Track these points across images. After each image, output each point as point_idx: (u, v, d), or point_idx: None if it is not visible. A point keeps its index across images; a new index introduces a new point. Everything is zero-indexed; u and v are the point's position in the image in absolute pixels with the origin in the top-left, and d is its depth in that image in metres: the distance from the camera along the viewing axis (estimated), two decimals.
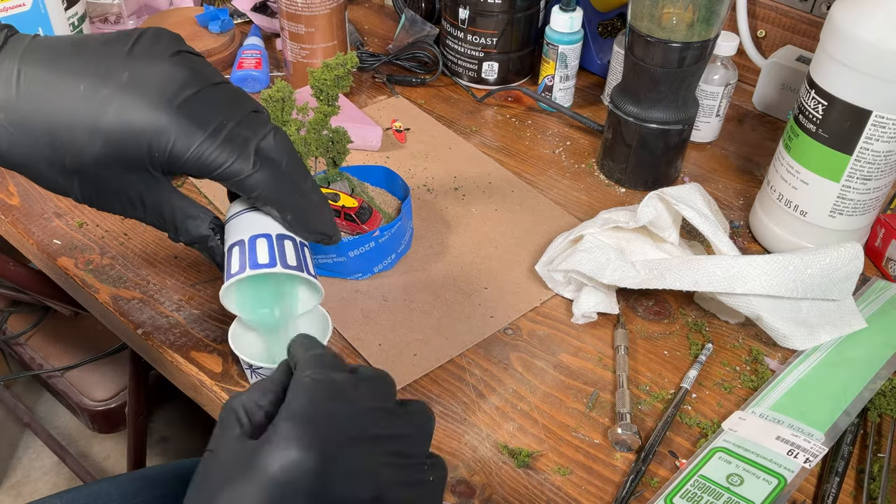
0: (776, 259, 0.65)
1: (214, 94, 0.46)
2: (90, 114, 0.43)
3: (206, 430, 1.67)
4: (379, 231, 0.69)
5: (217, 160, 0.45)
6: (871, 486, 0.58)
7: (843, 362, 0.66)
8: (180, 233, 0.52)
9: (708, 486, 0.56)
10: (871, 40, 0.63)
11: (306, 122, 0.68)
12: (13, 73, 0.43)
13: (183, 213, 0.51)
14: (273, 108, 0.65)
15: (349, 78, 0.67)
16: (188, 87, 0.44)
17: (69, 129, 0.44)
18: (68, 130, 0.44)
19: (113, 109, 0.43)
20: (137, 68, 0.44)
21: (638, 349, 0.68)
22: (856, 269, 0.66)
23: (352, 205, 0.70)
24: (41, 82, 0.43)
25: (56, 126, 0.43)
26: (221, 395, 0.63)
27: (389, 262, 0.73)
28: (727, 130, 0.96)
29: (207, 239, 0.53)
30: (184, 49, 0.47)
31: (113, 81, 0.44)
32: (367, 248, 0.69)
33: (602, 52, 1.03)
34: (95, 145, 0.44)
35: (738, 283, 0.65)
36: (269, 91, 0.65)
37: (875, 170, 0.69)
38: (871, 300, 0.73)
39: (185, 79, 0.44)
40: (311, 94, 0.68)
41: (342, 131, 0.71)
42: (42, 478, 1.51)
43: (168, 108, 0.43)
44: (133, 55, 0.45)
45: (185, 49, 0.47)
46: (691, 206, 0.69)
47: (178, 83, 0.44)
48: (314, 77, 0.67)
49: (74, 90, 0.43)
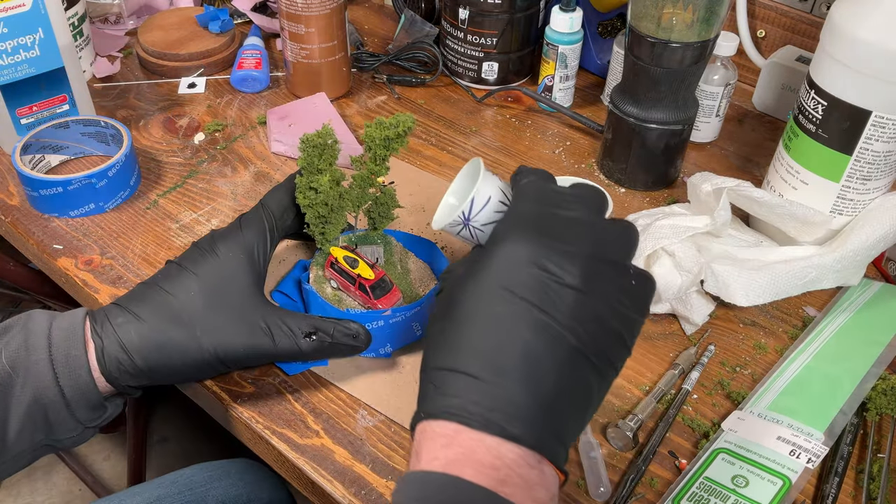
0: (847, 252, 0.70)
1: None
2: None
3: (207, 430, 1.68)
4: (391, 311, 0.63)
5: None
6: (870, 486, 0.58)
7: (834, 361, 0.66)
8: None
9: (714, 489, 0.56)
10: (871, 40, 0.63)
11: (350, 176, 0.65)
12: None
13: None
14: (309, 153, 0.61)
15: (402, 141, 0.64)
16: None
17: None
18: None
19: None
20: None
21: (638, 349, 0.68)
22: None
23: (368, 276, 0.64)
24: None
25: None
26: (221, 395, 0.63)
27: (407, 341, 0.66)
28: (727, 130, 0.96)
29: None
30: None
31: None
32: (375, 325, 0.63)
33: (602, 52, 1.03)
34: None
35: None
36: (309, 135, 0.61)
37: (875, 170, 0.69)
38: (854, 297, 0.73)
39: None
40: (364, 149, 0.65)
41: (391, 193, 0.67)
42: (42, 478, 1.51)
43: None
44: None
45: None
46: (755, 191, 0.72)
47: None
48: (366, 132, 0.64)
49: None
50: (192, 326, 0.54)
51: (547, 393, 0.40)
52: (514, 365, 0.40)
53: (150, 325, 0.54)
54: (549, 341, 0.41)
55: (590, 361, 0.41)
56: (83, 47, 0.97)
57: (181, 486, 0.82)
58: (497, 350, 0.41)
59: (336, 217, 0.65)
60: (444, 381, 0.41)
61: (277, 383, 0.64)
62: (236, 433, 0.65)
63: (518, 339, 0.41)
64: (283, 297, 0.70)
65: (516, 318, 0.41)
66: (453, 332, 0.42)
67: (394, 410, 0.62)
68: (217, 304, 0.55)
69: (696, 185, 0.75)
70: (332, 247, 0.66)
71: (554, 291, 0.41)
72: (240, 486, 0.84)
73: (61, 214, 0.78)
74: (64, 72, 0.83)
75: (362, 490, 0.57)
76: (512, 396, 0.40)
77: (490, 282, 0.42)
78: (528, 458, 0.40)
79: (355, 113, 0.97)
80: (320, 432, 0.61)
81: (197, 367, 0.55)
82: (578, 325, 0.41)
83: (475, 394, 0.40)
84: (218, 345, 0.54)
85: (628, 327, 0.43)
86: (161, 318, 0.55)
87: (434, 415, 0.41)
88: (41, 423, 0.53)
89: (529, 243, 0.42)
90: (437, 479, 0.39)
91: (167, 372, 0.55)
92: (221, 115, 0.94)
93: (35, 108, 0.83)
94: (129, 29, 1.09)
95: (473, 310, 0.42)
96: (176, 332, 0.54)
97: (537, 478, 0.40)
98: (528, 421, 0.40)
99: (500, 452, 0.39)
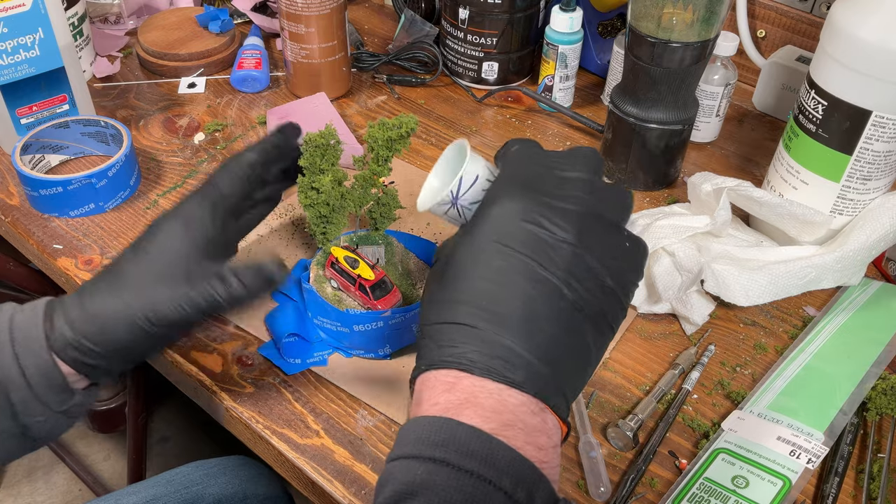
0: (847, 252, 0.70)
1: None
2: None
3: (206, 430, 1.68)
4: (390, 312, 0.63)
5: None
6: (870, 486, 0.58)
7: (834, 360, 0.66)
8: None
9: (714, 489, 0.56)
10: (871, 40, 0.63)
11: (352, 176, 0.65)
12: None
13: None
14: (311, 153, 0.61)
15: (405, 142, 0.64)
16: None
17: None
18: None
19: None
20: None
21: (638, 349, 0.68)
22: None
23: (368, 277, 0.64)
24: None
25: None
26: (221, 395, 0.63)
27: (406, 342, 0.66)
28: (727, 130, 0.96)
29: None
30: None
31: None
32: (374, 325, 0.63)
33: (602, 52, 1.03)
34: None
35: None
36: (311, 134, 0.61)
37: (875, 170, 0.69)
38: (854, 297, 0.73)
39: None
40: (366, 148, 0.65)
41: (392, 194, 0.67)
42: (42, 478, 1.51)
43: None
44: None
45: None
46: (755, 191, 0.72)
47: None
48: (368, 132, 0.64)
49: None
50: (122, 292, 0.54)
51: (547, 344, 0.40)
52: (514, 315, 0.40)
53: (91, 299, 0.54)
54: (547, 294, 0.41)
55: (587, 318, 0.41)
56: (83, 47, 0.97)
57: (177, 485, 0.82)
58: (496, 301, 0.41)
59: (337, 217, 0.65)
60: (443, 334, 0.41)
61: (277, 383, 0.64)
62: (236, 433, 0.65)
63: (517, 290, 0.41)
64: (283, 297, 0.70)
65: (514, 271, 0.41)
66: (450, 288, 0.42)
67: (394, 410, 0.62)
68: (147, 270, 0.54)
69: (696, 185, 0.75)
70: (332, 247, 0.66)
71: (550, 246, 0.41)
72: (236, 484, 0.84)
73: (61, 214, 0.78)
74: (64, 72, 0.83)
75: (362, 490, 0.57)
76: (513, 345, 0.40)
77: (485, 238, 0.42)
78: (531, 405, 0.40)
79: (355, 113, 0.97)
80: (320, 432, 0.61)
81: (133, 336, 0.54)
82: (575, 281, 0.41)
83: (475, 343, 0.40)
84: (145, 305, 0.53)
85: (623, 287, 0.43)
86: (98, 290, 0.54)
87: (434, 364, 0.41)
88: (5, 405, 0.53)
89: (523, 199, 0.42)
90: (437, 421, 0.39)
91: (110, 344, 0.54)
92: (221, 115, 0.94)
93: (35, 108, 0.83)
94: (129, 29, 1.09)
95: (470, 265, 0.42)
96: (110, 301, 0.54)
97: (540, 425, 0.40)
98: (530, 369, 0.40)
99: (502, 398, 0.39)
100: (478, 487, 0.37)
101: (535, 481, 0.38)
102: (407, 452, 0.39)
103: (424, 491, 0.37)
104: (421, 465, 0.38)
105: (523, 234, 0.41)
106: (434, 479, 0.37)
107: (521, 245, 0.41)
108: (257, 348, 0.67)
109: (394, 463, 0.39)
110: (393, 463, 0.40)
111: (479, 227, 0.43)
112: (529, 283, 0.41)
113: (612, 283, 0.42)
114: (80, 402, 0.56)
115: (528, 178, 0.44)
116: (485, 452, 0.38)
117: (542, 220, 0.42)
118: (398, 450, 0.40)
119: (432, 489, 0.37)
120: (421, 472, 0.38)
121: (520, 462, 0.38)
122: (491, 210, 0.43)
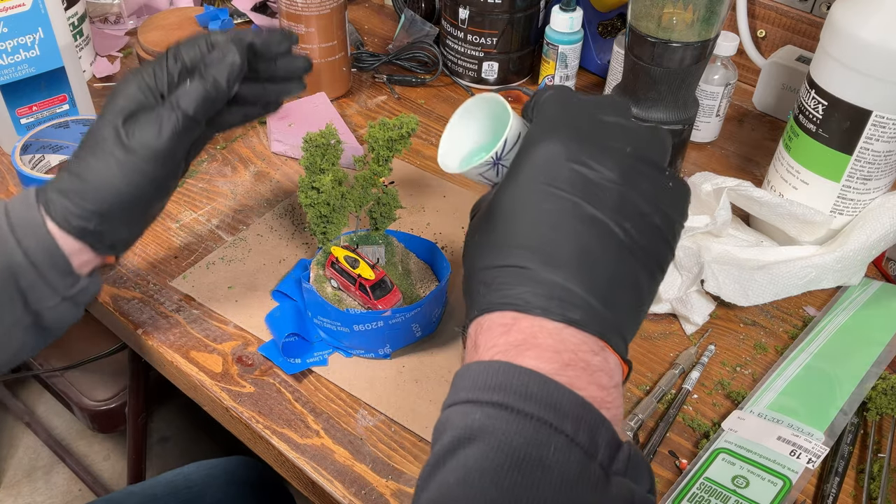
0: (847, 251, 0.70)
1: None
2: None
3: (206, 431, 1.67)
4: (391, 312, 0.62)
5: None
6: (871, 485, 0.58)
7: (834, 360, 0.66)
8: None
9: (714, 489, 0.56)
10: (871, 40, 0.63)
11: (352, 176, 0.65)
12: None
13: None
14: (311, 152, 0.61)
15: (405, 142, 0.64)
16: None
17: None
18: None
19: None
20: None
21: (638, 349, 0.68)
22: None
23: (369, 276, 0.64)
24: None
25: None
26: (221, 395, 0.63)
27: (410, 340, 0.66)
28: (727, 130, 0.96)
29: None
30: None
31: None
32: (374, 325, 0.63)
33: (602, 52, 1.03)
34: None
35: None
36: (312, 134, 0.61)
37: (875, 170, 0.69)
38: (854, 297, 0.73)
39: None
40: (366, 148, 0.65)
41: (392, 194, 0.67)
42: (42, 478, 1.51)
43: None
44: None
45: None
46: (756, 191, 0.72)
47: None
48: (369, 132, 0.64)
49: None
50: (109, 144, 0.53)
51: (603, 283, 0.40)
52: (568, 255, 0.40)
53: (78, 165, 0.54)
54: (599, 233, 0.40)
55: (637, 258, 0.41)
56: (83, 47, 0.97)
57: (177, 485, 0.82)
58: (549, 243, 0.40)
59: (338, 217, 0.65)
60: (496, 278, 0.41)
61: (278, 383, 0.64)
62: (236, 433, 0.65)
63: (570, 230, 0.40)
64: (283, 297, 0.70)
65: (564, 212, 0.40)
66: (500, 231, 0.42)
67: (394, 410, 0.62)
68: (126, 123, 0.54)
69: (696, 184, 0.75)
70: (332, 246, 0.66)
71: (597, 186, 0.40)
72: (236, 484, 0.84)
73: None
74: (64, 72, 0.83)
75: (362, 490, 0.57)
76: (569, 285, 0.39)
77: (531, 180, 0.41)
78: (591, 344, 0.39)
79: (355, 113, 0.97)
80: (320, 432, 0.61)
81: (129, 181, 0.53)
82: (624, 220, 0.40)
83: (531, 284, 0.39)
84: (138, 141, 0.53)
85: (670, 227, 0.42)
86: (83, 158, 0.54)
87: (490, 308, 0.40)
88: (15, 293, 0.53)
89: (566, 141, 0.41)
90: (493, 365, 0.38)
91: (109, 199, 0.53)
92: None
93: (35, 108, 0.83)
94: (128, 29, 1.09)
95: (519, 207, 0.41)
96: (98, 160, 0.53)
97: (600, 364, 0.39)
98: (588, 308, 0.39)
99: (563, 337, 0.39)
100: (538, 430, 0.36)
101: (596, 424, 0.37)
102: (464, 398, 0.38)
103: (484, 435, 0.36)
104: (479, 409, 0.37)
105: (570, 174, 0.41)
106: (493, 423, 0.36)
107: (569, 186, 0.40)
108: (257, 348, 0.67)
109: (450, 409, 0.39)
110: (449, 409, 0.39)
111: (525, 172, 0.42)
112: (581, 223, 0.40)
113: (660, 222, 0.41)
114: (86, 287, 0.56)
115: (568, 121, 0.43)
116: (545, 395, 0.37)
117: (588, 160, 0.41)
118: (454, 395, 0.39)
119: (492, 433, 0.36)
120: (479, 417, 0.37)
121: (581, 404, 0.37)
122: (535, 154, 0.42)
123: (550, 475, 0.35)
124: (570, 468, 0.35)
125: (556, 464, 0.35)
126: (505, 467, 0.35)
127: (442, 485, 0.36)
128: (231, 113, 0.60)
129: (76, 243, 0.54)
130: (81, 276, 0.56)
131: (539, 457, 0.35)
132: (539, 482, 0.34)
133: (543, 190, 0.41)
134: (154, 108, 0.54)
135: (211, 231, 0.78)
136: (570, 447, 0.36)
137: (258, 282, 0.72)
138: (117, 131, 0.53)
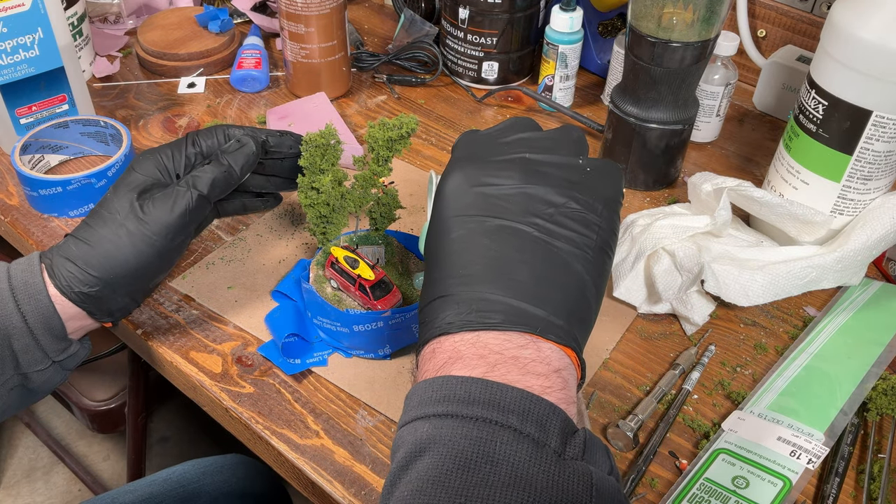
0: (847, 252, 0.70)
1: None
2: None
3: (206, 431, 1.68)
4: (390, 312, 0.62)
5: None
6: (871, 486, 0.58)
7: (834, 361, 0.66)
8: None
9: (714, 490, 0.56)
10: (871, 40, 0.63)
11: (352, 176, 0.65)
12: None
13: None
14: (311, 152, 0.62)
15: (405, 142, 0.64)
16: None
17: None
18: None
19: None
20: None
21: (638, 349, 0.68)
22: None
23: (368, 277, 0.64)
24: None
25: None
26: (221, 395, 0.63)
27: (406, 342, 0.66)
28: (727, 130, 0.96)
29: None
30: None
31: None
32: (374, 325, 0.63)
33: (602, 52, 1.03)
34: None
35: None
36: (311, 134, 0.62)
37: (875, 170, 0.69)
38: (855, 297, 0.73)
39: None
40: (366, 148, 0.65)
41: (392, 194, 0.67)
42: (42, 478, 1.51)
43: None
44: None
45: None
46: (756, 191, 0.72)
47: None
48: (368, 132, 0.64)
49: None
50: (122, 215, 0.57)
51: (525, 282, 0.41)
52: (482, 270, 0.42)
53: (87, 233, 0.57)
54: (508, 239, 0.42)
55: (559, 247, 0.42)
56: (83, 47, 0.96)
57: (174, 483, 0.82)
58: (464, 265, 0.42)
59: (337, 217, 0.65)
60: (428, 313, 0.43)
61: (277, 383, 0.64)
62: (236, 433, 0.65)
63: (478, 246, 0.42)
64: (283, 297, 0.70)
65: (472, 232, 0.43)
66: (429, 270, 0.45)
67: (394, 410, 0.62)
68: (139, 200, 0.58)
69: (696, 184, 0.75)
70: (332, 247, 0.66)
71: (499, 198, 0.43)
72: (233, 482, 0.84)
73: (60, 214, 0.78)
74: (63, 72, 0.83)
75: (362, 490, 0.57)
76: (488, 295, 0.41)
77: (443, 217, 0.44)
78: (515, 340, 0.40)
79: (355, 113, 0.97)
80: (320, 432, 0.61)
81: (136, 251, 0.56)
82: (534, 217, 0.43)
83: (454, 307, 0.41)
84: (151, 215, 0.57)
85: (592, 209, 0.44)
86: (91, 227, 0.57)
87: (424, 342, 0.43)
88: (8, 355, 0.55)
89: (465, 170, 0.45)
90: (433, 381, 0.40)
91: (115, 269, 0.56)
92: (221, 115, 0.94)
93: (34, 108, 0.83)
94: (128, 29, 1.09)
95: (438, 243, 0.44)
96: (110, 226, 0.57)
97: (532, 354, 0.40)
98: (505, 309, 0.41)
99: (483, 342, 0.40)
100: (484, 430, 0.37)
101: (545, 413, 0.38)
102: (412, 416, 0.39)
103: (432, 445, 0.37)
104: (427, 422, 0.38)
105: (474, 198, 0.43)
106: (440, 433, 0.37)
107: (474, 209, 0.43)
108: (257, 348, 0.66)
109: (402, 429, 0.40)
110: (401, 430, 0.40)
111: (437, 211, 0.45)
112: (487, 237, 0.42)
113: (578, 206, 0.43)
114: (76, 352, 0.59)
115: (469, 153, 0.46)
116: (486, 396, 0.38)
117: (487, 178, 0.44)
118: (405, 416, 0.40)
119: (439, 442, 0.37)
120: (427, 429, 0.38)
121: (525, 397, 0.38)
122: (443, 192, 0.45)
123: (500, 469, 0.36)
124: (519, 459, 0.36)
125: (505, 457, 0.36)
126: (453, 471, 0.36)
127: (399, 501, 0.37)
128: (232, 202, 0.66)
129: (74, 309, 0.57)
130: (73, 341, 0.58)
131: (486, 453, 0.36)
132: (488, 478, 0.35)
133: (453, 221, 0.44)
134: (169, 186, 0.59)
135: (210, 231, 0.78)
136: (518, 439, 0.37)
137: (258, 282, 0.72)
138: (132, 204, 0.57)
